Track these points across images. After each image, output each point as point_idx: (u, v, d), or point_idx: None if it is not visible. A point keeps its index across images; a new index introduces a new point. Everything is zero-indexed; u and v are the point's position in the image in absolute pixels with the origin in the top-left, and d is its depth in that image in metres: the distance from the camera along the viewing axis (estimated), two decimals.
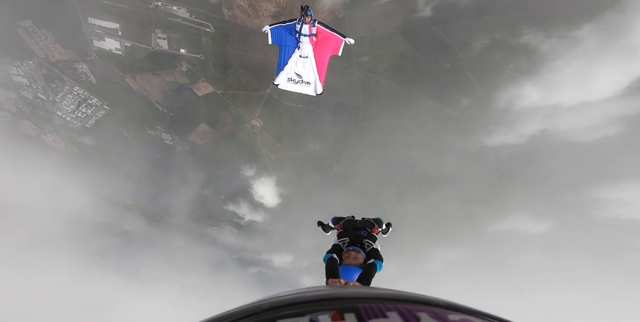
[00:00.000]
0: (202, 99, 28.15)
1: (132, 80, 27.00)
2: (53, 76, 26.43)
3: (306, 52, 3.54)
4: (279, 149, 29.27)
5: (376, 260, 2.72)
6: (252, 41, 25.45)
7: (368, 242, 3.06)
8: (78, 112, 28.52)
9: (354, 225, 3.52)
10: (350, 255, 2.80)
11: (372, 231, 3.44)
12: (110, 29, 25.13)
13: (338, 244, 3.12)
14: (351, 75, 25.86)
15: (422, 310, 0.46)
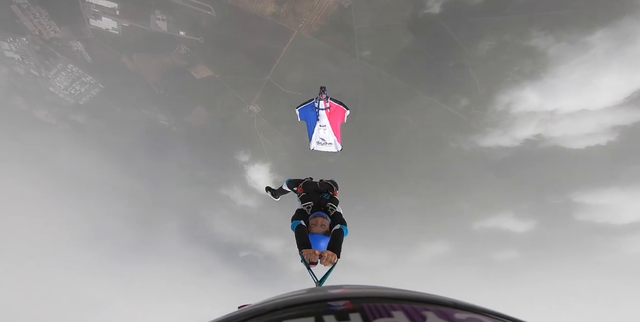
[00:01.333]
0: (200, 82, 30.47)
1: (129, 60, 29.08)
2: (47, 53, 28.37)
3: (324, 123, 4.99)
4: (275, 135, 32.13)
5: (342, 225, 2.92)
6: (253, 26, 27.43)
7: (332, 206, 3.26)
8: (72, 89, 30.73)
9: (315, 188, 3.72)
10: (317, 222, 2.96)
11: (333, 193, 3.66)
12: (108, 8, 26.78)
13: (303, 209, 3.31)
14: (352, 66, 28.28)
15: (428, 309, 0.49)
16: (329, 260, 2.49)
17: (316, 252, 2.48)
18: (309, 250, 2.52)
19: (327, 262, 2.48)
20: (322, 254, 2.47)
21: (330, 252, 2.48)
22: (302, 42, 27.24)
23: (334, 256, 2.50)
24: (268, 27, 27.27)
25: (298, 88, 29.48)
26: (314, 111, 5.00)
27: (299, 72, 28.71)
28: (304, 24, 26.79)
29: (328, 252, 2.50)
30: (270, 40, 27.56)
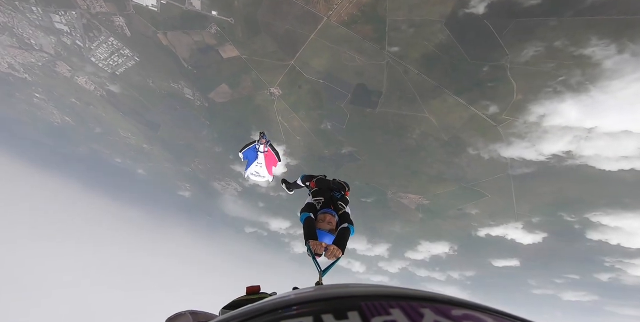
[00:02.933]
0: (226, 61, 34.33)
1: (163, 36, 33.49)
2: (92, 26, 33.60)
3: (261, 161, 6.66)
4: (293, 119, 35.80)
5: (349, 224, 3.24)
6: (283, 10, 29.84)
7: (341, 205, 3.59)
8: (110, 60, 36.45)
9: (327, 185, 4.09)
10: (325, 218, 3.28)
11: (344, 193, 4.02)
12: None
13: (312, 203, 3.65)
14: (380, 58, 30.09)
15: (425, 306, 0.54)
16: (334, 254, 2.83)
17: (322, 245, 2.79)
18: (316, 241, 2.84)
19: (331, 255, 2.83)
20: (327, 247, 2.79)
21: (335, 247, 2.81)
22: (331, 29, 29.31)
23: (338, 251, 2.84)
24: (297, 12, 29.54)
25: (321, 75, 32.32)
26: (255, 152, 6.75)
27: (324, 59, 31.22)
28: (335, 12, 28.64)
29: (334, 246, 2.83)
30: (298, 26, 29.97)
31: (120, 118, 42.60)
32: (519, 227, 34.70)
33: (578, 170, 26.62)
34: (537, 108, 24.34)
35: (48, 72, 39.97)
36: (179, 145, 42.32)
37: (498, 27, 24.56)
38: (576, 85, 22.66)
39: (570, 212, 31.23)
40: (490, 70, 26.66)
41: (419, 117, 30.54)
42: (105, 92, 40.17)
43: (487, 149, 27.83)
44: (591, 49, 21.70)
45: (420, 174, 34.15)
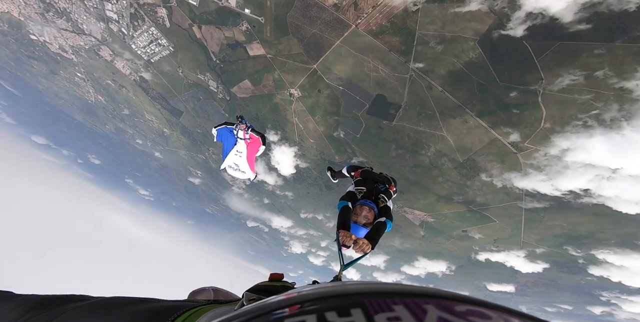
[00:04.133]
0: (252, 59, 34.54)
1: (198, 29, 34.10)
2: (137, 16, 34.73)
3: (241, 149, 5.48)
4: (308, 122, 35.62)
5: (387, 219, 3.07)
6: (313, 14, 29.55)
7: (384, 198, 3.40)
8: (148, 48, 37.67)
9: (372, 177, 3.88)
10: (362, 211, 3.10)
11: (389, 187, 3.80)
12: None
13: (354, 192, 3.46)
14: (404, 71, 29.22)
15: (428, 302, 0.53)
16: (362, 248, 2.62)
17: (352, 237, 2.61)
18: (347, 232, 2.66)
19: (359, 249, 2.62)
20: (357, 240, 2.61)
21: (365, 241, 2.62)
22: (357, 38, 28.68)
23: (368, 246, 2.64)
24: (327, 17, 29.10)
25: (342, 82, 31.86)
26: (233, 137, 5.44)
27: (347, 66, 30.65)
28: (364, 21, 27.97)
29: (364, 240, 2.64)
30: (325, 31, 29.55)
31: (148, 102, 44.07)
32: (520, 256, 33.24)
33: (593, 208, 24.67)
34: (561, 141, 22.59)
35: (92, 55, 42.04)
36: (197, 134, 43.35)
37: (537, 49, 22.62)
38: (609, 121, 20.70)
39: (577, 247, 29.40)
40: (520, 95, 24.86)
41: (437, 135, 29.39)
42: (139, 77, 41.75)
43: (502, 177, 26.30)
44: (635, 82, 19.51)
45: (429, 192, 32.97)
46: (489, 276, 39.94)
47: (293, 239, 49.04)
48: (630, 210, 22.65)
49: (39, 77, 50.29)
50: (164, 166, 53.81)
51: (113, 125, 50.84)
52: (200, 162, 47.37)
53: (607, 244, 27.12)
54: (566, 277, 33.77)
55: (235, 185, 45.51)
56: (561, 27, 20.97)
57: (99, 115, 51.10)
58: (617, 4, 19.33)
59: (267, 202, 43.42)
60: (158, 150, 50.27)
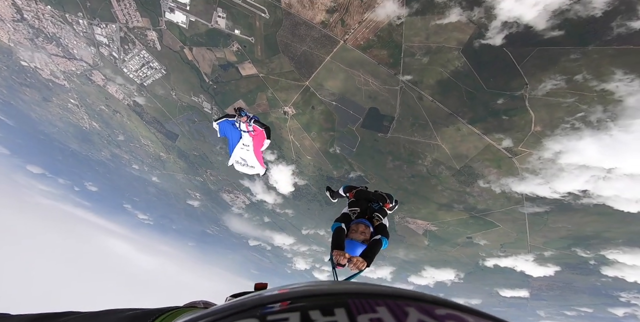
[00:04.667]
0: (244, 79, 35.13)
1: (189, 51, 34.83)
2: (128, 40, 35.36)
3: (247, 142, 5.25)
4: (304, 138, 35.90)
5: (383, 236, 3.11)
6: (301, 32, 30.44)
7: (378, 216, 3.44)
8: (140, 71, 38.20)
9: (366, 196, 3.94)
10: (358, 228, 3.16)
11: (384, 205, 3.84)
12: (181, 3, 31.92)
13: (348, 213, 3.52)
14: (394, 83, 29.89)
15: (410, 305, 0.54)
16: (357, 266, 2.64)
17: (346, 255, 2.64)
18: (340, 251, 2.70)
19: (354, 267, 2.64)
20: (351, 258, 2.63)
21: (360, 259, 2.65)
22: (346, 53, 29.45)
23: (363, 263, 2.66)
24: (315, 35, 29.95)
25: (334, 97, 32.42)
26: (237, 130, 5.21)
27: (338, 81, 31.29)
28: (351, 36, 28.84)
29: (358, 258, 2.66)
30: (315, 48, 30.34)
31: (143, 127, 44.26)
32: (529, 260, 32.85)
33: (595, 209, 24.80)
34: (553, 144, 22.96)
35: (84, 80, 42.46)
36: (194, 156, 43.34)
37: (518, 56, 23.47)
38: (596, 123, 21.23)
39: (586, 248, 29.25)
40: (508, 100, 25.31)
41: (432, 144, 29.69)
42: (132, 101, 42.16)
43: (499, 183, 26.40)
44: (615, 83, 20.22)
45: (429, 201, 32.90)
46: (500, 282, 39.21)
47: (296, 256, 48.35)
48: (631, 209, 22.72)
49: (31, 104, 50.42)
50: (162, 190, 53.44)
51: (109, 151, 50.72)
52: (199, 185, 47.13)
53: (615, 243, 26.94)
54: (580, 279, 33.25)
55: (235, 205, 45.18)
56: (537, 34, 21.88)
57: (94, 141, 51.06)
58: (584, 10, 20.31)
59: (268, 221, 43.09)
60: (155, 174, 50.05)
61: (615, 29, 19.92)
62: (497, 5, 22.80)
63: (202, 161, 43.74)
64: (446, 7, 24.47)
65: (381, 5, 26.22)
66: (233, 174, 41.72)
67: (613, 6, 19.83)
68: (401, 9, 25.79)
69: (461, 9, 24.04)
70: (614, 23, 19.98)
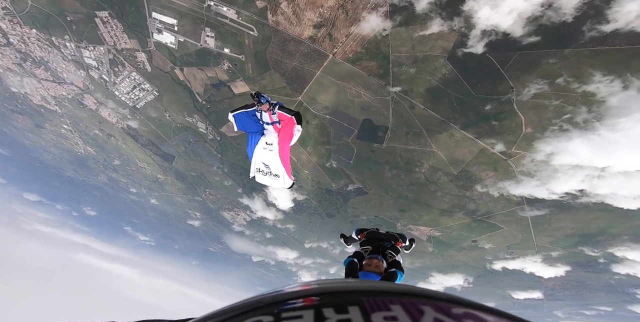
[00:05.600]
0: (237, 97, 35.90)
1: (180, 72, 35.62)
2: (117, 62, 35.99)
3: (271, 140, 4.06)
4: (301, 154, 36.46)
5: (398, 270, 3.13)
6: (290, 48, 31.34)
7: (391, 254, 3.49)
8: (132, 94, 38.80)
9: (377, 236, 4.04)
10: (372, 263, 3.16)
11: (396, 243, 3.93)
12: (169, 24, 32.50)
13: (360, 251, 3.56)
14: (385, 93, 30.74)
15: (425, 303, 0.54)
16: None
17: None
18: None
19: None
20: None
21: None
22: (336, 66, 30.31)
23: None
24: (304, 50, 30.89)
25: (328, 111, 33.21)
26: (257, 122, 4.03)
27: (330, 95, 32.08)
28: (340, 49, 29.76)
29: None
30: (305, 63, 31.23)
31: (138, 149, 44.75)
32: (537, 261, 33.05)
33: (594, 207, 25.40)
34: (544, 146, 23.55)
35: (76, 105, 42.99)
36: (192, 177, 43.76)
37: (501, 61, 24.50)
38: (583, 123, 22.01)
39: (593, 246, 29.61)
40: (497, 104, 26.01)
41: (427, 151, 30.34)
42: (126, 124, 42.76)
43: (497, 187, 26.99)
44: (595, 85, 21.20)
45: (431, 207, 33.30)
46: (512, 284, 39.13)
47: (301, 269, 48.31)
48: (630, 205, 23.27)
49: (24, 131, 50.75)
50: (161, 211, 53.55)
51: (106, 175, 51.01)
52: (198, 204, 47.38)
53: (621, 240, 27.24)
54: (593, 277, 33.39)
55: (236, 223, 45.42)
56: (515, 39, 23.01)
57: (90, 166, 51.40)
58: (556, 16, 21.40)
59: (270, 237, 43.29)
60: (154, 196, 50.28)
61: (587, 32, 20.96)
62: (474, 14, 23.85)
63: (200, 181, 44.13)
64: (428, 18, 25.52)
65: (365, 19, 27.29)
66: (232, 193, 42.06)
67: (582, 11, 20.96)
68: (385, 21, 26.84)
69: (442, 20, 25.07)
70: (585, 27, 20.99)
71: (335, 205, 36.27)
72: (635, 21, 19.54)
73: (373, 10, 26.50)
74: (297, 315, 0.52)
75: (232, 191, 41.83)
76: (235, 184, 41.06)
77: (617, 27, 20.02)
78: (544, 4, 21.86)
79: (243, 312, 0.59)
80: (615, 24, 19.90)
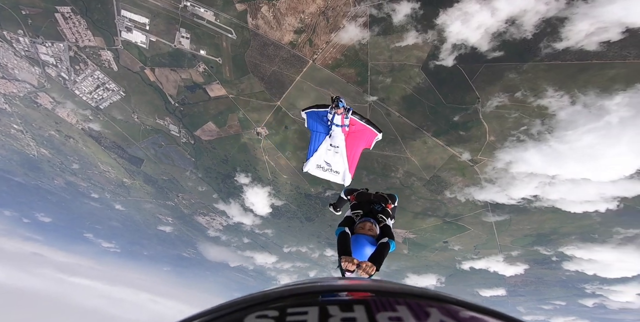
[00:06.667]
0: (213, 100, 35.65)
1: (151, 72, 34.63)
2: (78, 59, 33.94)
3: (337, 142, 4.20)
4: (279, 158, 37.08)
5: (390, 239, 3.16)
6: (270, 53, 31.82)
7: (382, 217, 3.53)
8: (95, 93, 36.88)
9: (367, 198, 4.07)
10: (365, 226, 3.23)
11: (386, 206, 3.95)
12: (140, 22, 31.43)
13: (351, 216, 3.60)
14: (362, 100, 32.48)
15: (432, 305, 0.54)
16: (367, 271, 2.74)
17: (355, 261, 2.71)
18: (349, 257, 2.77)
19: (363, 272, 2.75)
20: (360, 264, 2.72)
21: (369, 264, 2.73)
22: (316, 72, 31.36)
23: (372, 268, 2.75)
24: (284, 55, 31.57)
25: None
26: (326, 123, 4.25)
27: (309, 100, 33.20)
28: (320, 56, 30.79)
29: (367, 263, 2.74)
30: (284, 68, 31.94)
31: (101, 152, 42.71)
32: (500, 261, 36.52)
33: (547, 210, 28.80)
34: (504, 156, 26.33)
35: (29, 103, 40.04)
36: (163, 181, 42.68)
37: (469, 72, 26.66)
38: (537, 135, 24.80)
39: (546, 246, 33.46)
40: (465, 113, 28.42)
41: (402, 157, 32.56)
42: (88, 125, 40.74)
43: (463, 192, 29.78)
44: (548, 99, 24.03)
45: (406, 210, 35.69)
46: (479, 282, 42.82)
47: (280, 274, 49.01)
48: (576, 209, 26.77)
49: None
50: (128, 216, 51.26)
51: (63, 179, 47.77)
52: (171, 209, 46.21)
53: (569, 240, 30.99)
54: (549, 273, 37.48)
55: (212, 228, 45.01)
56: (482, 53, 25.41)
57: (45, 170, 47.85)
58: (518, 32, 24.14)
59: (248, 241, 43.53)
60: (119, 201, 48.10)
61: (543, 49, 23.82)
62: (446, 28, 26.20)
63: (172, 185, 43.13)
64: (404, 30, 27.53)
65: (345, 27, 28.69)
66: (207, 198, 41.69)
67: (540, 28, 23.93)
68: (364, 31, 28.45)
69: (417, 32, 27.14)
70: (542, 44, 23.79)
71: (315, 209, 37.50)
72: (585, 40, 22.40)
73: (353, 19, 28.00)
74: (302, 311, 0.54)
75: (207, 196, 41.45)
76: (210, 189, 40.80)
77: (569, 45, 22.84)
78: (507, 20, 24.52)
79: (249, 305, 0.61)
80: (568, 42, 22.72)
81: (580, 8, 22.05)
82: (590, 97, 22.76)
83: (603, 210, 25.66)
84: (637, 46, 22.52)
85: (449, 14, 23.39)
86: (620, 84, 22.49)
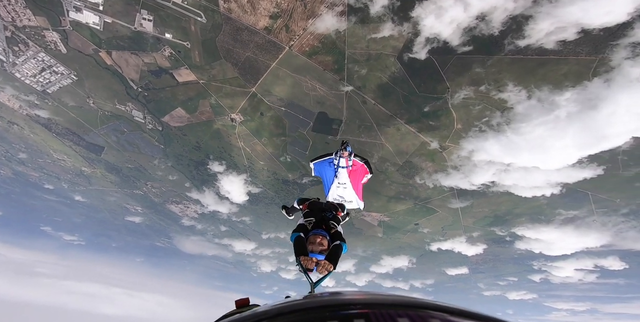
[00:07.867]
0: (182, 85, 34.53)
1: (107, 55, 32.37)
2: (17, 40, 30.75)
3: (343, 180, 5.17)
4: (256, 144, 37.65)
5: (342, 242, 3.50)
6: (244, 38, 31.17)
7: (333, 224, 3.85)
8: (40, 77, 33.90)
9: (319, 206, 4.43)
10: (316, 240, 3.44)
11: (336, 213, 4.33)
12: (91, 2, 28.33)
13: (304, 223, 3.87)
14: (339, 88, 33.69)
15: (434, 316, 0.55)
16: (325, 268, 3.08)
17: (313, 260, 3.05)
18: (306, 257, 3.10)
19: (323, 269, 3.08)
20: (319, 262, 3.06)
21: (327, 262, 3.10)
22: (292, 59, 31.53)
23: (330, 265, 3.11)
24: (259, 41, 31.15)
25: (283, 103, 34.89)
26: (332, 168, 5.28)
27: (286, 87, 33.51)
28: (297, 42, 30.92)
29: (325, 261, 3.12)
30: (259, 54, 31.75)
31: (53, 139, 40.04)
32: (463, 241, 41.54)
33: (502, 195, 33.24)
34: (467, 145, 29.43)
35: None
36: (128, 169, 41.47)
37: (441, 63, 28.56)
38: (497, 126, 27.89)
39: (501, 227, 38.70)
40: (436, 102, 30.66)
41: (377, 144, 34.91)
42: (34, 112, 37.81)
43: (431, 179, 33.17)
44: (507, 93, 26.72)
45: (380, 194, 38.79)
46: (446, 261, 48.28)
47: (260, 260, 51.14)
48: (527, 194, 31.27)
49: None
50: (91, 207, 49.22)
51: (10, 169, 44.11)
52: (139, 198, 45.24)
53: (520, 221, 35.96)
54: (504, 251, 43.16)
55: (186, 216, 45.14)
56: (453, 46, 27.42)
57: None
58: (487, 28, 26.45)
59: (225, 229, 44.50)
60: (79, 191, 45.97)
61: (507, 45, 26.12)
62: (421, 21, 27.82)
63: (139, 174, 42.08)
64: (381, 21, 28.67)
65: (323, 15, 28.97)
66: (179, 186, 41.50)
67: (507, 25, 26.45)
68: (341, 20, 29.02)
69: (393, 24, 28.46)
70: (506, 40, 26.19)
71: (292, 194, 39.28)
72: (544, 38, 24.95)
73: (330, 7, 28.36)
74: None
75: (179, 185, 41.26)
76: (182, 176, 40.62)
77: (530, 42, 25.35)
78: (478, 16, 26.65)
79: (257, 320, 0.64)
80: (529, 40, 25.21)
81: (544, 7, 24.13)
82: (544, 93, 25.63)
83: (549, 194, 30.33)
84: (589, 44, 25.74)
85: (424, 7, 24.83)
86: (570, 80, 25.54)
